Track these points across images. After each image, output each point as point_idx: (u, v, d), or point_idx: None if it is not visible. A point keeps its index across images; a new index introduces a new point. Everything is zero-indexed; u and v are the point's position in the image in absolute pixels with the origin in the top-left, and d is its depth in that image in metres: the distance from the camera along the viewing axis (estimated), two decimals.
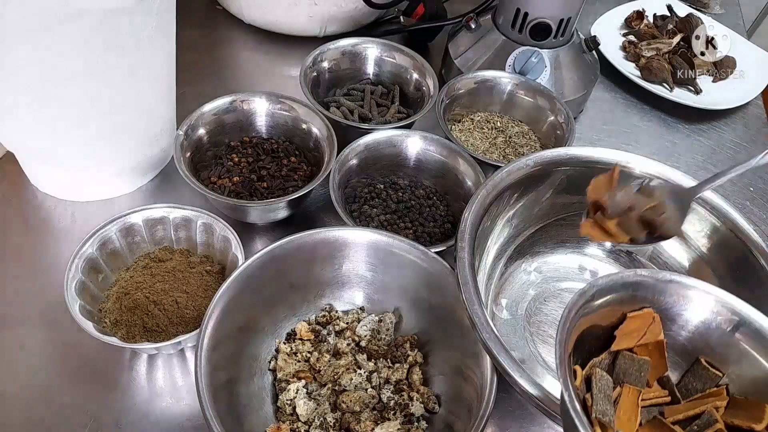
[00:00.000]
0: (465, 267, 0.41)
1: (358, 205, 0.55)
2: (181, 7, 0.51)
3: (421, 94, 0.64)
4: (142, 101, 0.51)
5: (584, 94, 0.70)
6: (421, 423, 0.43)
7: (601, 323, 0.35)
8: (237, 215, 0.53)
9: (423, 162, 0.57)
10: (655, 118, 0.76)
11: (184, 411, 0.44)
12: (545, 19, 0.64)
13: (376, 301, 0.49)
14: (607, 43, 0.80)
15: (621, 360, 0.35)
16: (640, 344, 0.35)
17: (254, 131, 0.58)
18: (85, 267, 0.45)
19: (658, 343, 0.36)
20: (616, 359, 0.35)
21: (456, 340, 0.43)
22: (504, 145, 0.63)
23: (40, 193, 0.56)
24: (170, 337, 0.42)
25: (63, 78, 0.44)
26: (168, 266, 0.48)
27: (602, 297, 0.34)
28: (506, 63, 0.66)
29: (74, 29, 0.41)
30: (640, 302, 0.36)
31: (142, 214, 0.48)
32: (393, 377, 0.44)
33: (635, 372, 0.35)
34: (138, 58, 0.47)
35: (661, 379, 0.37)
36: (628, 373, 0.35)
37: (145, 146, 0.55)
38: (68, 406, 0.43)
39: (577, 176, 0.51)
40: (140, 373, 0.45)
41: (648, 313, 0.36)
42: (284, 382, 0.44)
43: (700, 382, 0.36)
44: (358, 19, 0.75)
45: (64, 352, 0.46)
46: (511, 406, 0.46)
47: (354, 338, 0.46)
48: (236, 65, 0.74)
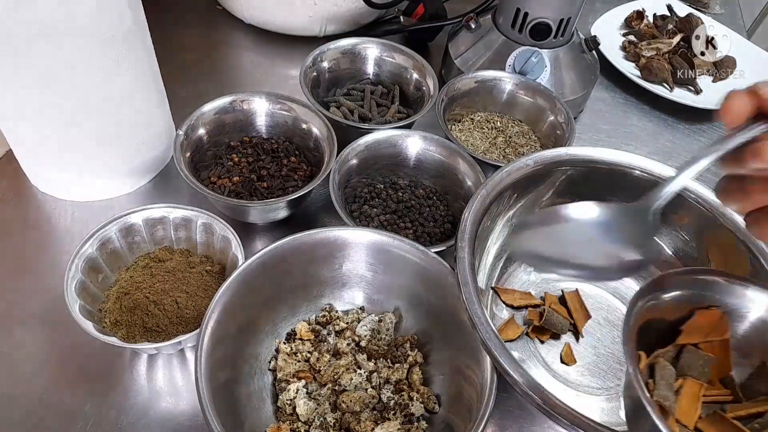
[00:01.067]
0: (465, 267, 0.41)
1: (358, 205, 0.55)
2: (181, 7, 0.51)
3: (421, 94, 0.64)
4: (139, 108, 0.51)
5: (584, 94, 0.70)
6: (421, 423, 0.43)
7: (667, 317, 0.36)
8: (237, 215, 0.53)
9: (423, 162, 0.57)
10: (655, 118, 0.76)
11: (184, 411, 0.44)
12: (545, 19, 0.64)
13: (376, 301, 0.48)
14: (607, 43, 0.80)
15: (685, 354, 0.35)
16: (706, 341, 0.36)
17: (254, 131, 0.58)
18: (85, 267, 0.45)
19: (723, 341, 0.36)
20: (681, 353, 0.35)
21: (456, 340, 0.43)
22: (504, 145, 0.63)
23: (40, 193, 0.56)
24: (170, 337, 0.42)
25: (65, 85, 0.45)
26: (168, 266, 0.48)
27: (671, 291, 0.35)
28: (506, 63, 0.66)
29: (76, 43, 0.42)
30: (709, 301, 0.36)
31: (142, 214, 0.48)
32: (393, 377, 0.44)
33: (699, 367, 0.35)
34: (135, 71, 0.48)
35: (724, 379, 0.37)
36: (692, 367, 0.35)
37: (144, 148, 0.55)
38: (68, 406, 0.43)
39: (578, 176, 0.51)
40: (140, 373, 0.45)
41: (715, 312, 0.36)
42: (284, 382, 0.43)
43: (765, 384, 0.36)
44: (358, 19, 0.75)
45: (64, 352, 0.46)
46: (511, 406, 0.46)
47: (354, 338, 0.46)
48: (236, 65, 0.74)
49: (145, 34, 0.51)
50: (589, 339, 0.51)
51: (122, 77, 0.49)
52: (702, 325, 0.36)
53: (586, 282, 0.53)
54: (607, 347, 0.50)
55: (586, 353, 0.50)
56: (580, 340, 0.51)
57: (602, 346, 0.50)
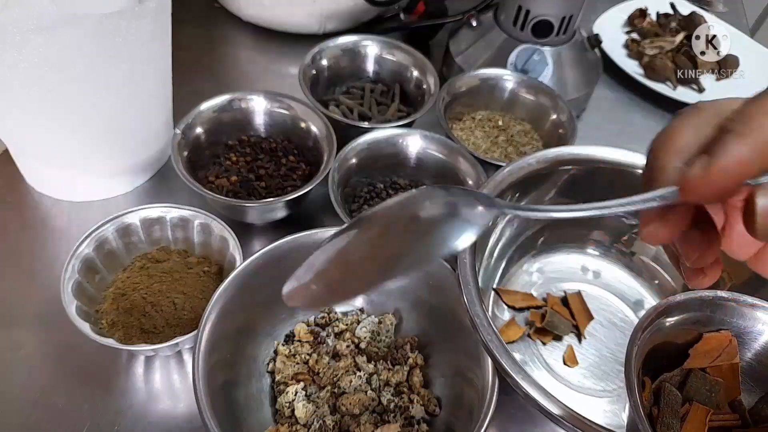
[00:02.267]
0: (466, 267, 0.41)
1: (358, 204, 0.54)
2: (179, 4, 0.51)
3: (422, 92, 0.63)
4: (139, 102, 0.51)
5: (587, 92, 0.70)
6: (422, 426, 0.42)
7: (676, 341, 0.35)
8: (235, 215, 0.52)
9: (423, 161, 0.57)
10: (658, 117, 0.75)
11: (181, 413, 0.44)
12: (547, 16, 0.63)
13: (376, 303, 0.48)
14: (609, 41, 0.80)
15: (692, 378, 0.34)
16: (714, 365, 0.35)
17: (252, 130, 0.58)
18: (82, 268, 0.44)
19: (733, 366, 0.35)
20: (688, 377, 0.35)
21: (457, 342, 0.43)
22: (506, 144, 0.63)
23: (36, 192, 0.55)
24: (168, 339, 0.42)
25: (60, 79, 0.44)
26: (165, 267, 0.47)
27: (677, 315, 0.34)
28: (508, 61, 0.66)
29: (72, 32, 0.41)
30: (717, 324, 0.35)
31: (139, 214, 0.48)
32: (393, 379, 0.44)
33: (706, 392, 0.34)
34: (135, 61, 0.47)
35: (733, 403, 0.36)
36: (699, 392, 0.34)
37: (142, 146, 0.55)
38: (64, 408, 0.43)
39: (580, 175, 0.50)
40: (137, 374, 0.45)
41: (725, 335, 0.35)
42: (283, 384, 0.43)
43: None
44: (358, 17, 0.74)
45: (61, 353, 0.45)
46: (512, 409, 0.46)
47: (353, 340, 0.46)
48: (234, 63, 0.74)
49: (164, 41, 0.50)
50: (592, 341, 0.50)
51: (134, 84, 0.48)
52: (711, 348, 0.35)
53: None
54: (609, 349, 0.50)
55: (588, 355, 0.49)
56: (582, 341, 0.50)
57: (605, 348, 0.50)
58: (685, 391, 0.34)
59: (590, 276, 0.55)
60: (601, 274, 0.55)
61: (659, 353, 0.34)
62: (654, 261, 0.54)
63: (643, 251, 0.54)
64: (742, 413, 0.35)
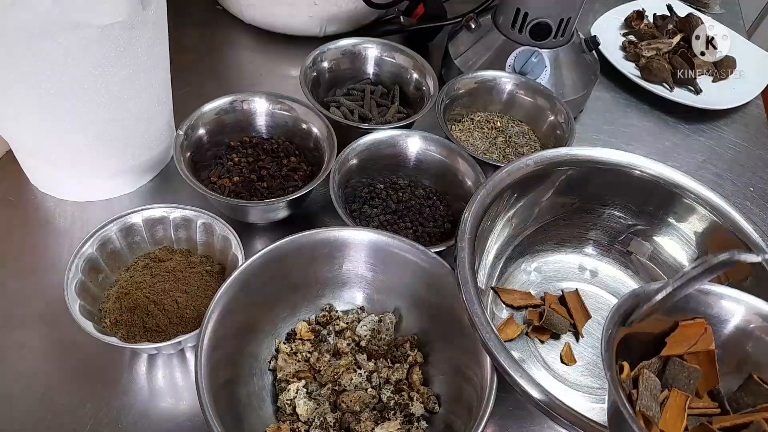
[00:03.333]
0: (465, 267, 0.41)
1: (358, 205, 0.55)
2: (181, 7, 0.52)
3: (421, 94, 0.64)
4: (139, 105, 0.51)
5: (584, 94, 0.70)
6: (421, 423, 0.43)
7: (652, 330, 0.35)
8: (237, 215, 0.53)
9: (423, 162, 0.57)
10: (655, 118, 0.76)
11: (184, 411, 0.44)
12: (545, 19, 0.64)
13: (376, 301, 0.49)
14: (607, 43, 0.81)
15: (671, 366, 0.35)
16: (691, 352, 0.35)
17: (254, 131, 0.58)
18: (85, 267, 0.45)
19: (709, 352, 0.36)
20: (666, 365, 0.35)
21: (456, 340, 0.43)
22: (504, 145, 0.63)
23: (40, 192, 0.56)
24: (170, 337, 0.42)
25: (63, 84, 0.45)
26: (168, 266, 0.48)
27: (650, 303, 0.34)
28: (506, 63, 0.66)
29: (74, 39, 0.42)
30: (692, 312, 0.36)
31: (142, 214, 0.48)
32: (393, 377, 0.44)
33: (684, 379, 0.35)
34: (135, 66, 0.48)
35: (712, 392, 0.36)
36: (677, 379, 0.35)
37: (144, 147, 0.55)
38: (68, 406, 0.43)
39: (578, 176, 0.51)
40: (140, 373, 0.45)
41: (700, 323, 0.36)
42: (284, 382, 0.43)
43: (752, 397, 0.36)
44: (358, 19, 0.75)
45: (64, 352, 0.46)
46: (511, 406, 0.46)
47: (354, 338, 0.46)
48: (236, 65, 0.74)
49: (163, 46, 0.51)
50: (589, 339, 0.51)
51: (136, 89, 0.49)
52: (687, 336, 0.35)
53: None
54: None
55: (586, 353, 0.50)
56: (580, 340, 0.51)
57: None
58: (665, 378, 0.35)
59: (587, 275, 0.55)
60: (599, 273, 0.55)
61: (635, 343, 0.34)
62: (650, 260, 0.54)
63: (640, 251, 0.55)
64: (720, 401, 0.36)
